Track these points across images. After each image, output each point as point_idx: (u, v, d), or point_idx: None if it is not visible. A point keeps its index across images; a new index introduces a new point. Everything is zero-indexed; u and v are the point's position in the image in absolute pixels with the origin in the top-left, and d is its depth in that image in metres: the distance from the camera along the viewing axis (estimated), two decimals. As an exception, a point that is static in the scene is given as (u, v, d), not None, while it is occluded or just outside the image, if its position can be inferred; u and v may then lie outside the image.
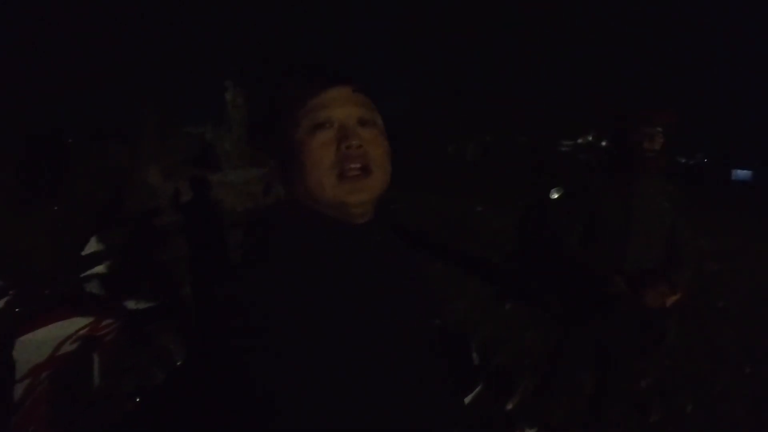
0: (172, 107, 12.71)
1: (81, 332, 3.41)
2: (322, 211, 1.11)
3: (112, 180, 10.31)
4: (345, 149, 1.06)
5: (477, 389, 4.46)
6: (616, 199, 3.11)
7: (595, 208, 3.18)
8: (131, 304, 3.93)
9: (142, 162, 10.16)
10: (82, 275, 3.67)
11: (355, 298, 1.05)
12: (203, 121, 12.01)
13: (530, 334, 5.73)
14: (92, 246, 3.77)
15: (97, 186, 9.90)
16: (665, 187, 3.18)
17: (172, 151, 11.48)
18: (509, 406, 4.23)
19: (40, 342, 3.24)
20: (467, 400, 4.23)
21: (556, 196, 6.69)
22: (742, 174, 44.95)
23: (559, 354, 3.45)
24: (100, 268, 3.74)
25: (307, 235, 1.10)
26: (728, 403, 4.45)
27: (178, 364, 4.20)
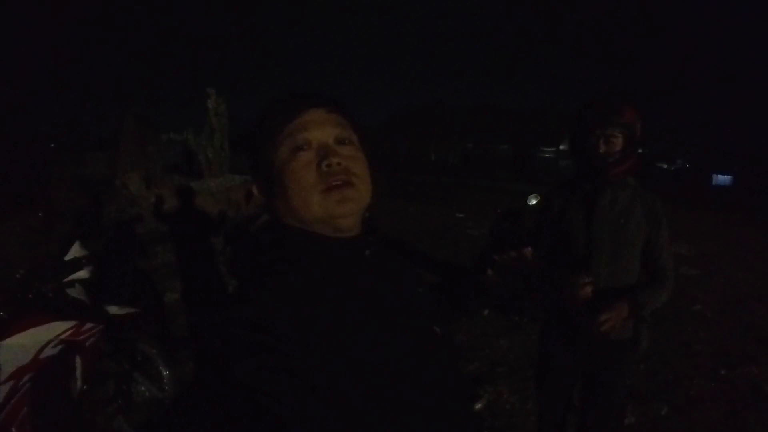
0: (153, 114, 12.65)
1: (63, 336, 3.42)
2: (309, 230, 1.13)
3: (93, 187, 10.25)
4: (326, 167, 1.09)
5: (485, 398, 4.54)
6: (578, 213, 2.81)
7: (558, 224, 2.91)
8: (113, 310, 3.95)
9: (122, 169, 10.07)
10: (65, 280, 3.67)
11: (361, 312, 1.06)
12: (183, 127, 11.89)
13: (505, 341, 5.79)
14: (75, 251, 3.77)
15: (77, 194, 9.82)
16: (636, 196, 2.78)
17: (153, 158, 11.38)
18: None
19: (23, 345, 3.24)
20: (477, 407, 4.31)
21: (534, 202, 6.75)
22: (722, 179, 45.36)
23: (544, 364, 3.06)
24: (81, 273, 3.73)
25: (303, 253, 1.11)
26: (703, 406, 4.52)
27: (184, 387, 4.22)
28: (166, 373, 4.18)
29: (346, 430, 0.92)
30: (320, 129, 1.13)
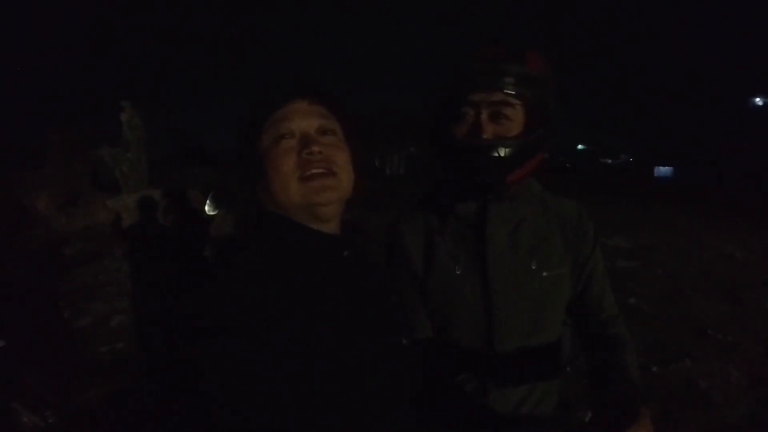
0: (86, 128, 12.52)
1: None
2: (292, 217, 1.13)
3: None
4: (306, 155, 1.10)
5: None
6: (456, 262, 1.55)
7: (424, 284, 1.60)
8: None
9: (33, 191, 9.78)
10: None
11: (326, 307, 1.04)
12: (98, 142, 11.60)
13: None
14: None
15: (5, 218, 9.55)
16: (549, 213, 1.62)
17: (81, 175, 11.21)
18: None
19: None
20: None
21: None
22: (663, 171, 46.60)
23: None
24: None
25: (282, 237, 1.13)
26: (632, 408, 4.24)
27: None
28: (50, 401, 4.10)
29: (299, 419, 0.92)
30: (303, 119, 1.15)
